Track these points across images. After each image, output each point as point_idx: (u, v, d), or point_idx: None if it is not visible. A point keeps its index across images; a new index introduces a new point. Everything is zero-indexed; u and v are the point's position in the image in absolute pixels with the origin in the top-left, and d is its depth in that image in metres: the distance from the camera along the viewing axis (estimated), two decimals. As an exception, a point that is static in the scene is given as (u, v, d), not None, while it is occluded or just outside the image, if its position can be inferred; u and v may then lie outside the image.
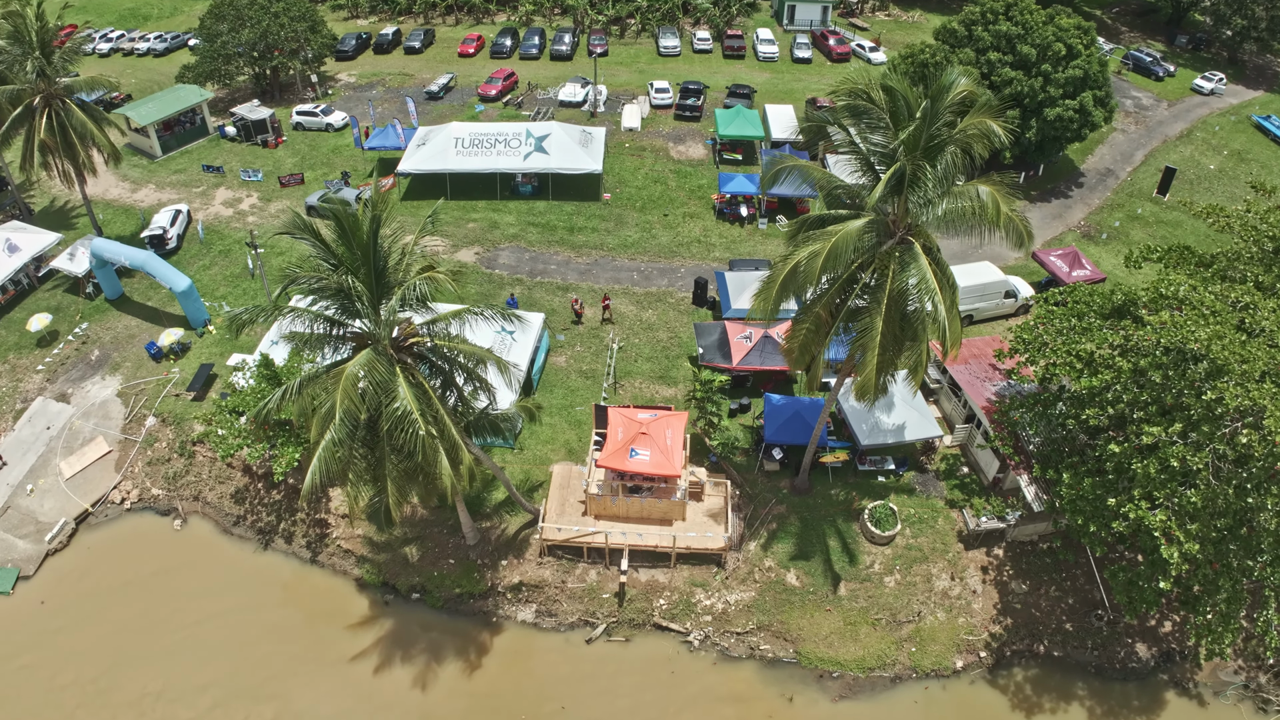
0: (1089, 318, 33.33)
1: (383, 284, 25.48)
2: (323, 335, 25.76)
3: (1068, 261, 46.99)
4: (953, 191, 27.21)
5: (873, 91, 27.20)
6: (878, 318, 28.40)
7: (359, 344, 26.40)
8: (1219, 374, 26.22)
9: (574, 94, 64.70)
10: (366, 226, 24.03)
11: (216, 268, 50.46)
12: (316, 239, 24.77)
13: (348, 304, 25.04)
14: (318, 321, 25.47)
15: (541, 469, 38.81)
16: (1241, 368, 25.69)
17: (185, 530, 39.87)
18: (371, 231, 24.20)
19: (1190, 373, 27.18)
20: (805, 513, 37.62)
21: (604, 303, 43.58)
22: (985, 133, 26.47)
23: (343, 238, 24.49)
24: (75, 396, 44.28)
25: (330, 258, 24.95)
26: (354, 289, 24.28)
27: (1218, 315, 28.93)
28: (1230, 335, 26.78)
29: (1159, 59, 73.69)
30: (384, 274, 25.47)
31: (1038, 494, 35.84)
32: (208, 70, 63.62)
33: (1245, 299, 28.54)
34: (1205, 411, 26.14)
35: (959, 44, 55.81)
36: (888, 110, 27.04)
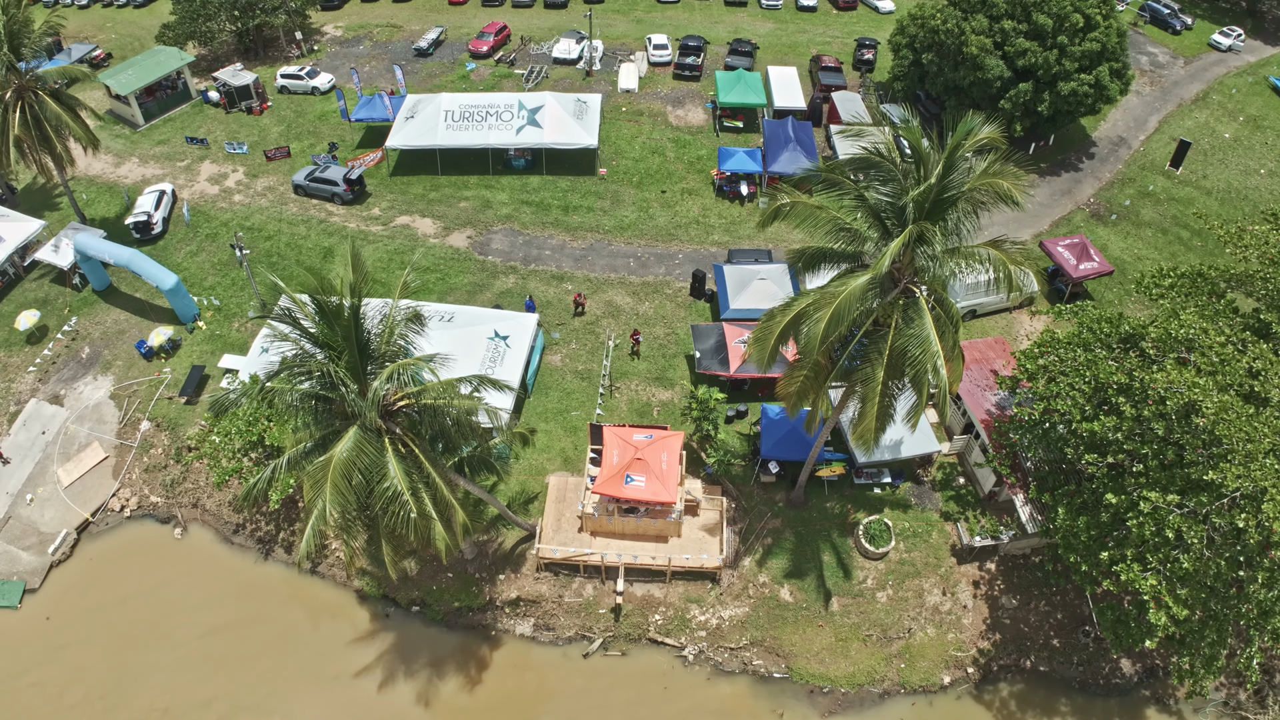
0: (1095, 348, 32.70)
1: (368, 360, 24.84)
2: (310, 409, 25.24)
3: (1075, 253, 45.83)
4: (961, 250, 26.25)
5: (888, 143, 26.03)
6: (879, 369, 27.89)
7: (347, 417, 25.95)
8: (1222, 451, 25.84)
9: (569, 50, 61.97)
10: (347, 315, 23.21)
11: (204, 254, 49.37)
12: (296, 327, 23.92)
13: (333, 389, 24.44)
14: (305, 399, 24.91)
15: (537, 480, 38.88)
16: (1246, 447, 25.29)
17: (186, 539, 40.22)
18: (353, 316, 23.40)
19: (1191, 442, 26.81)
20: (800, 527, 37.87)
21: (634, 337, 42.41)
22: (1001, 194, 25.37)
23: (324, 319, 23.70)
24: (68, 398, 44.02)
25: (312, 341, 24.19)
26: (338, 377, 23.61)
27: (1226, 364, 28.39)
28: (1237, 407, 26.25)
29: (1177, 11, 70.27)
30: (368, 350, 24.80)
31: (1033, 514, 36.05)
32: (188, 30, 60.75)
33: (1257, 363, 27.79)
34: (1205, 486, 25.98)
35: (971, 9, 52.97)
36: (900, 168, 25.88)
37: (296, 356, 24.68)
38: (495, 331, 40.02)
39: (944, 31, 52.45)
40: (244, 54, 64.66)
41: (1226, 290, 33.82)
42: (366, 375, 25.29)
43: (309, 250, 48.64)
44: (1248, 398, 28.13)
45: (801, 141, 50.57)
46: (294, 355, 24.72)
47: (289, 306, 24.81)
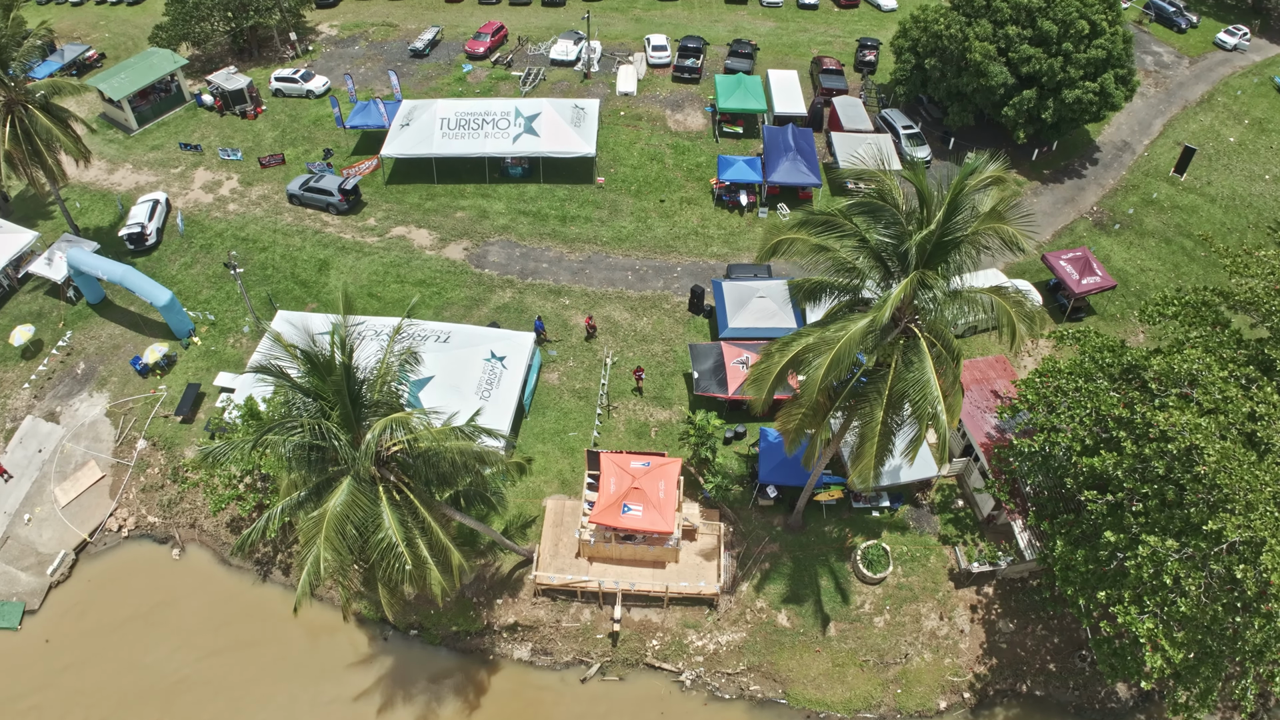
0: (1097, 378, 32.44)
1: (361, 409, 24.60)
2: (304, 458, 24.99)
3: (1078, 267, 45.40)
4: (963, 295, 25.91)
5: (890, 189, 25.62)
6: (878, 408, 27.65)
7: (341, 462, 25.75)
8: (1223, 498, 25.67)
9: (566, 52, 61.12)
10: (339, 371, 22.93)
11: (198, 266, 48.97)
12: (287, 380, 23.65)
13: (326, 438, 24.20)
14: (298, 450, 24.65)
15: (534, 503, 38.78)
16: (1247, 496, 25.12)
17: (183, 560, 40.19)
18: (345, 370, 23.13)
19: (1193, 486, 26.64)
20: (798, 551, 37.81)
21: (637, 375, 41.74)
22: (1007, 241, 25.02)
23: (315, 373, 23.42)
24: (64, 415, 43.85)
25: (304, 393, 23.93)
26: (331, 432, 23.35)
27: (1229, 401, 28.16)
28: (1239, 454, 26.03)
29: (1182, 9, 69.22)
30: (361, 399, 24.56)
31: (1031, 540, 36.01)
32: (181, 32, 59.91)
33: (1260, 407, 27.52)
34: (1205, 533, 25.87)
35: (975, 14, 52.16)
36: (904, 210, 25.51)
37: (288, 406, 24.43)
38: (492, 352, 39.75)
39: (947, 37, 51.69)
40: (238, 54, 63.82)
41: (1231, 315, 33.43)
42: (360, 424, 25.09)
43: (304, 263, 48.23)
44: (1249, 439, 27.92)
45: (802, 150, 49.96)
46: (285, 403, 24.48)
47: (280, 357, 24.46)
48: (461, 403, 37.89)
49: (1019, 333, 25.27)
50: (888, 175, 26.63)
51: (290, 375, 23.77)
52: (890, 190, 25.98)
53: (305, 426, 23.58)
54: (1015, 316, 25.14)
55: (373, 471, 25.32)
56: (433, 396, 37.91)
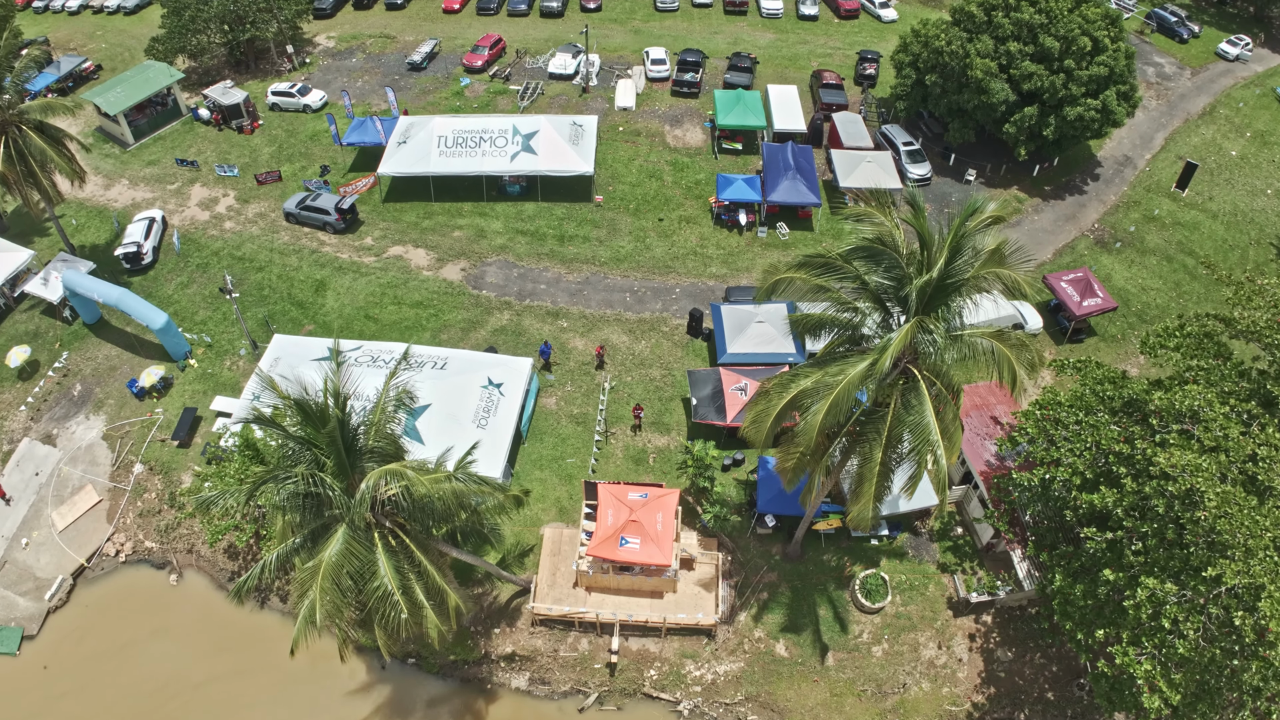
0: (1098, 411, 32.28)
1: (355, 458, 24.45)
2: (298, 506, 24.86)
3: (1079, 289, 45.16)
4: (964, 338, 25.72)
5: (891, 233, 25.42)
6: (877, 448, 27.47)
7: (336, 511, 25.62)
8: (1222, 542, 25.56)
9: (565, 65, 60.76)
10: (333, 423, 22.77)
11: (195, 285, 48.78)
12: (280, 430, 23.51)
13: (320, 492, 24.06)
14: (292, 498, 24.52)
15: (532, 531, 38.66)
16: (1247, 542, 25.00)
17: (181, 585, 40.12)
18: (339, 421, 22.97)
19: (1192, 528, 26.52)
20: (796, 580, 37.70)
21: (636, 413, 41.29)
22: (1009, 285, 24.84)
23: (309, 422, 23.27)
24: (61, 438, 43.75)
25: (298, 443, 23.78)
26: (324, 483, 23.21)
27: (1229, 439, 28.02)
28: (1239, 499, 25.88)
29: (1184, 19, 68.81)
30: (356, 447, 24.41)
31: (1030, 571, 35.91)
32: (177, 45, 59.59)
33: (1262, 449, 27.35)
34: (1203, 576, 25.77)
35: (976, 30, 51.80)
36: (904, 254, 25.32)
37: (282, 451, 24.30)
38: (489, 379, 39.56)
39: (948, 53, 51.35)
40: (235, 67, 63.48)
41: (1233, 342, 33.23)
42: (355, 471, 24.96)
43: (301, 283, 48.02)
44: (1250, 480, 27.77)
45: (801, 169, 49.68)
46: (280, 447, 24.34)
47: (275, 405, 24.31)
48: (459, 432, 37.85)
49: (1020, 380, 25.07)
50: (888, 215, 26.40)
51: (284, 425, 23.60)
52: (891, 234, 25.75)
53: (300, 476, 23.45)
54: (1016, 363, 24.93)
55: (368, 518, 25.20)
56: (430, 425, 37.80)
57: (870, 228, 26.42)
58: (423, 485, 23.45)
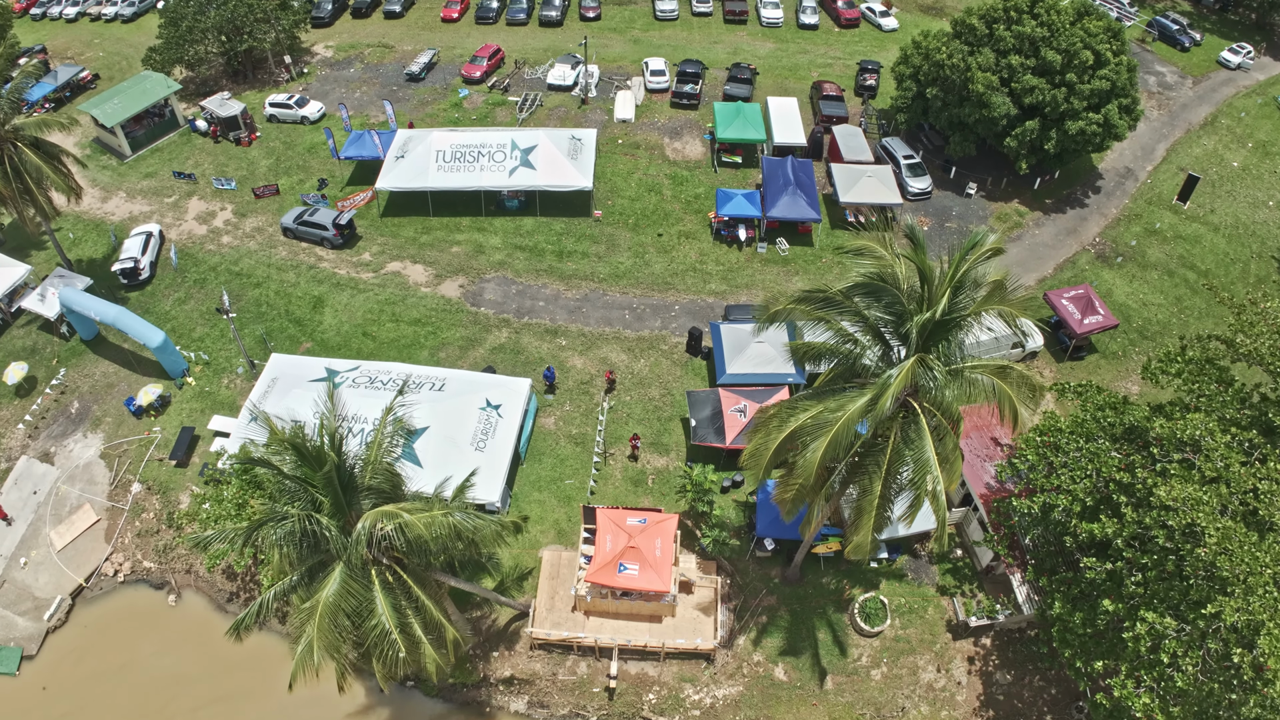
0: (1098, 438, 32.18)
1: (352, 495, 24.37)
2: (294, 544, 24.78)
3: (1080, 306, 44.97)
4: (965, 374, 25.61)
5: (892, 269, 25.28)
6: (876, 481, 27.39)
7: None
8: (1222, 579, 25.50)
9: (564, 77, 60.47)
10: (329, 465, 22.67)
11: (192, 302, 48.62)
12: (277, 471, 23.41)
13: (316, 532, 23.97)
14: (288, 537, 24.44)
15: (531, 554, 38.58)
16: (1246, 580, 24.93)
17: (180, 606, 40.08)
18: (334, 462, 22.86)
19: (1192, 562, 26.46)
20: (795, 604, 37.64)
21: (633, 442, 40.99)
22: (1009, 322, 24.72)
23: (305, 463, 23.17)
24: (58, 456, 43.68)
25: (294, 483, 23.69)
26: (320, 524, 23.13)
27: (1230, 469, 27.93)
28: (1240, 535, 25.80)
29: (1186, 26, 68.47)
30: (352, 485, 24.32)
31: (1029, 595, 35.84)
32: (174, 55, 59.33)
33: (1263, 484, 27.24)
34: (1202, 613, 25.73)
35: (978, 43, 51.51)
36: (905, 291, 25.19)
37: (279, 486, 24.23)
38: (487, 400, 39.44)
39: (949, 66, 51.06)
40: (233, 77, 63.21)
41: (1235, 365, 33.10)
42: (352, 509, 24.90)
43: (298, 299, 47.87)
44: (1250, 513, 27.69)
45: (801, 183, 49.45)
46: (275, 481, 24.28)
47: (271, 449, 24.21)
48: (457, 455, 37.80)
49: (1021, 418, 24.96)
50: (888, 249, 26.27)
51: (279, 466, 23.52)
52: (891, 270, 25.61)
53: (296, 518, 23.39)
54: (1017, 401, 24.82)
55: (365, 555, 25.13)
56: (428, 448, 37.73)
57: (870, 262, 26.31)
58: (419, 527, 23.34)
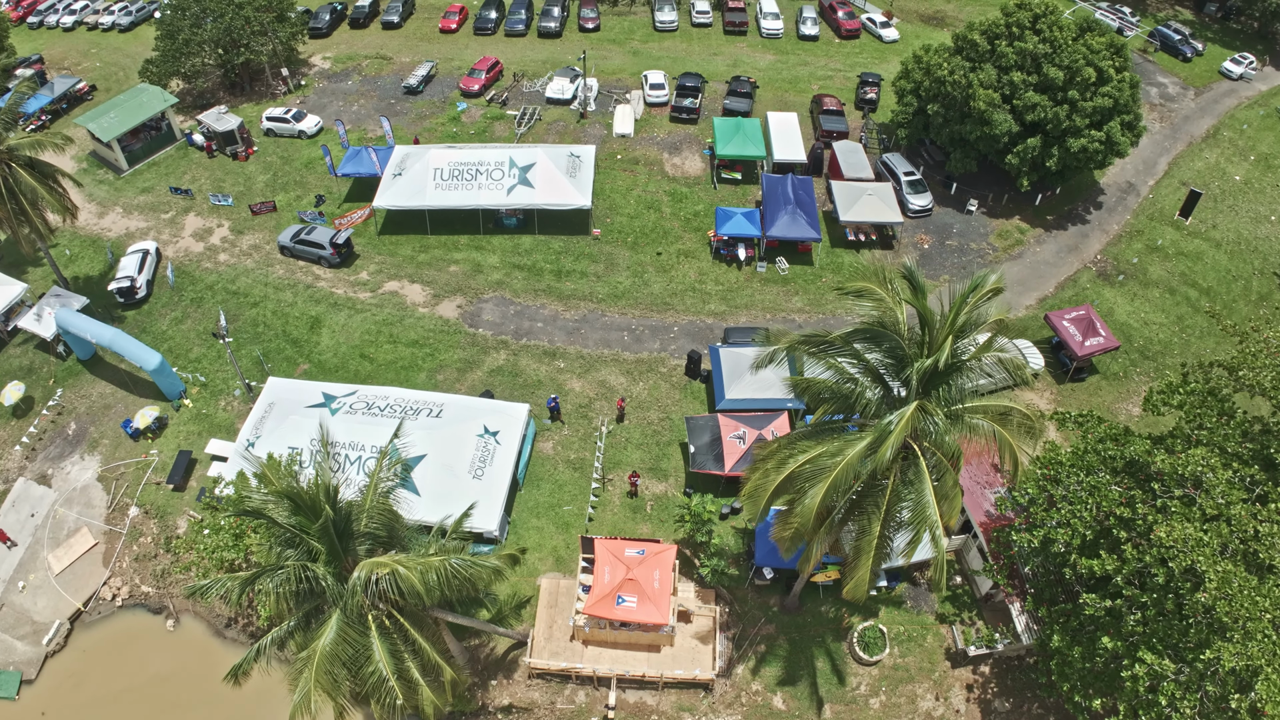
0: (1101, 473, 32.02)
1: (348, 542, 24.22)
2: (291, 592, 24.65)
3: (1081, 328, 44.74)
4: (965, 421, 25.43)
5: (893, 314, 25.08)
6: (875, 522, 27.23)
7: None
8: (1221, 625, 25.41)
9: (562, 90, 60.11)
10: (324, 518, 22.50)
11: (189, 321, 48.42)
12: (271, 522, 23.26)
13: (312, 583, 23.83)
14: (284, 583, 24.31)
15: (529, 581, 38.46)
16: (1245, 625, 24.82)
17: (178, 631, 39.98)
18: (330, 516, 22.70)
19: (1191, 605, 26.36)
20: (794, 633, 37.51)
21: (632, 480, 40.60)
22: (1010, 369, 24.50)
23: (300, 513, 23.03)
24: (56, 478, 43.58)
25: (288, 533, 23.55)
26: (316, 575, 22.99)
27: (1231, 506, 27.80)
28: (1240, 578, 25.67)
29: (1188, 37, 68.03)
30: (349, 532, 24.17)
31: (1028, 624, 35.71)
32: (171, 68, 59.02)
33: (1263, 526, 27.08)
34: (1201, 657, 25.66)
35: (980, 59, 51.15)
36: (905, 337, 24.99)
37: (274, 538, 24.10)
38: (485, 427, 39.26)
39: (950, 83, 50.70)
40: (230, 89, 62.89)
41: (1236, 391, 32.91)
42: (348, 555, 24.76)
43: (296, 320, 47.66)
44: (1250, 555, 27.54)
45: (801, 202, 49.19)
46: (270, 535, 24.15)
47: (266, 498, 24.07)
48: (454, 483, 37.67)
49: (1021, 464, 24.79)
50: (888, 289, 26.00)
51: (274, 516, 23.37)
52: (892, 314, 25.38)
53: (291, 569, 23.27)
54: (1018, 449, 24.64)
55: (362, 600, 24.99)
56: (426, 476, 37.60)
57: (871, 304, 26.10)
58: (414, 580, 23.21)
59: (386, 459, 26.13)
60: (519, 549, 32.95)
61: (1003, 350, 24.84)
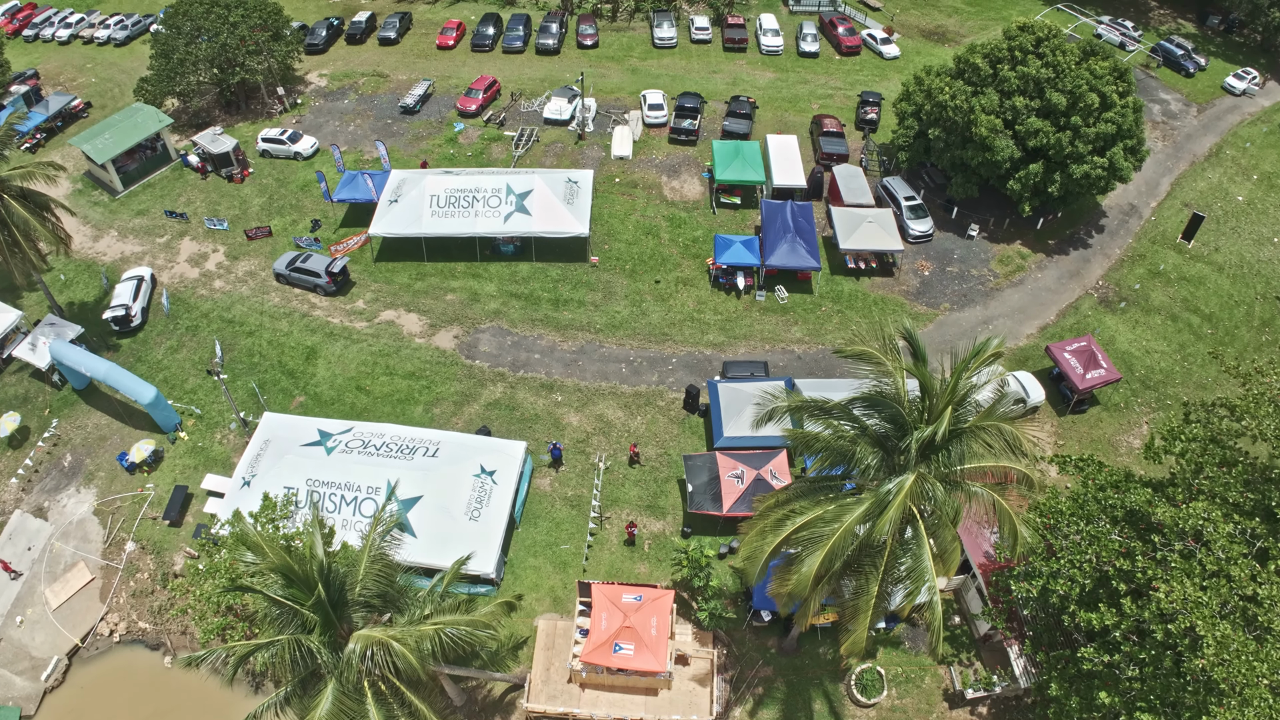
0: (1101, 522, 31.83)
1: (343, 610, 24.06)
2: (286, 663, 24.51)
3: (1082, 360, 44.42)
4: (965, 489, 25.22)
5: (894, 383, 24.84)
6: (873, 582, 27.08)
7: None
8: (1219, 689, 25.30)
9: (560, 111, 59.61)
10: (318, 592, 22.31)
11: (185, 350, 48.15)
12: (266, 598, 23.07)
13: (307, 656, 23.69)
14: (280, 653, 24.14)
15: (526, 623, 38.31)
16: (1242, 692, 24.70)
17: (176, 668, 39.93)
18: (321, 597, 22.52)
19: (1189, 666, 26.24)
20: (792, 675, 37.39)
21: (629, 530, 40.13)
22: (1009, 441, 24.25)
23: (295, 586, 22.86)
24: (52, 511, 43.45)
25: (283, 607, 23.38)
26: (310, 650, 22.84)
27: (1233, 563, 27.63)
28: (1238, 642, 25.52)
29: (1190, 51, 67.44)
30: (342, 601, 24.01)
31: (1026, 667, 35.60)
32: (165, 88, 58.56)
33: (1262, 589, 26.89)
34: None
35: (982, 83, 50.65)
36: (906, 406, 24.76)
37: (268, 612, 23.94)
38: (481, 467, 39.04)
39: (952, 108, 50.23)
40: (225, 107, 62.42)
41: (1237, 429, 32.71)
42: (343, 623, 24.61)
43: (291, 349, 47.39)
44: (1248, 617, 27.37)
45: (801, 230, 48.80)
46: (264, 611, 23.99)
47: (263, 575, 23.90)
48: (451, 525, 37.53)
49: (1020, 537, 24.59)
50: (892, 359, 25.74)
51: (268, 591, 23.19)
52: (893, 383, 25.13)
53: (285, 643, 23.13)
54: (1017, 521, 24.45)
55: (359, 669, 24.84)
56: (422, 518, 37.47)
57: (871, 368, 25.84)
58: (410, 655, 23.07)
59: (379, 527, 25.90)
60: (515, 596, 32.98)
61: (1003, 420, 24.51)
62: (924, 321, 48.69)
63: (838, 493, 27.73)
